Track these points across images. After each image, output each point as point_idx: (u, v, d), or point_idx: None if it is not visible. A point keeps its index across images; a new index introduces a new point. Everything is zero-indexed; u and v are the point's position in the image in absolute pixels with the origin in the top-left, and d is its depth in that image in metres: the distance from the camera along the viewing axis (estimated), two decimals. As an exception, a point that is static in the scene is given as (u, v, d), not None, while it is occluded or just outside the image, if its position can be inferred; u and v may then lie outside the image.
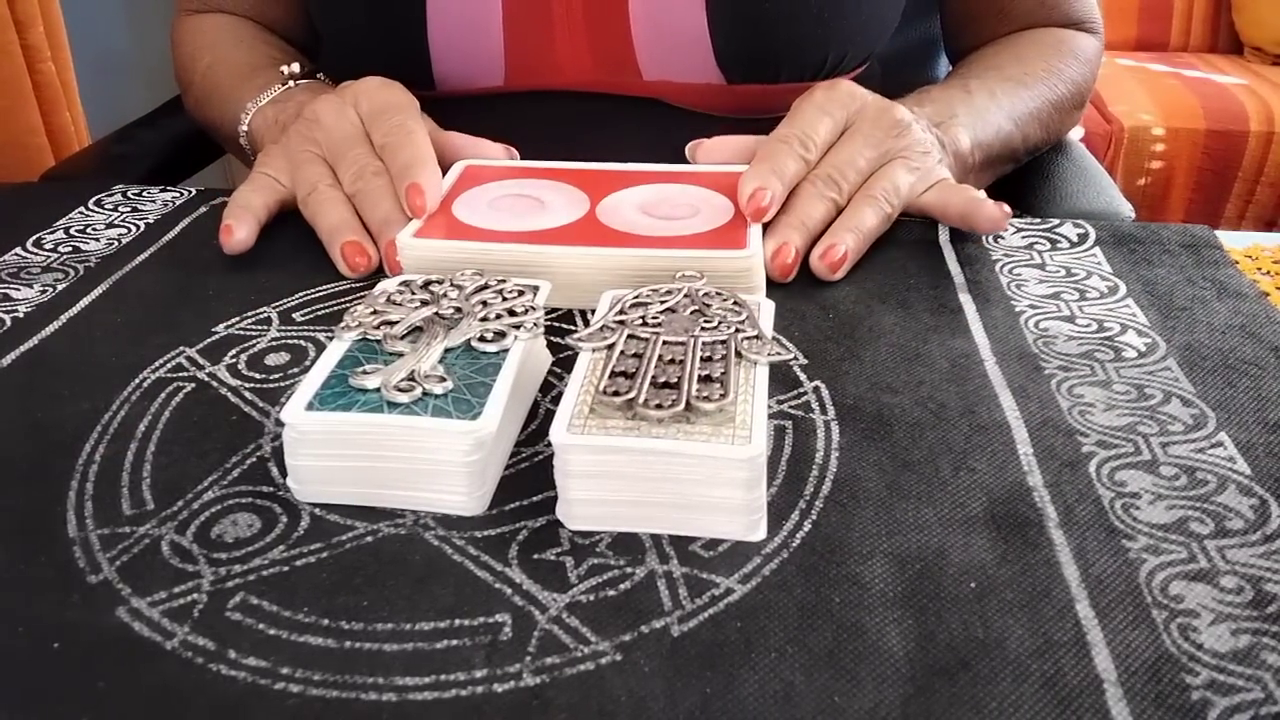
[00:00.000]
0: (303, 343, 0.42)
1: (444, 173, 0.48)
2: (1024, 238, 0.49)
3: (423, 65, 0.59)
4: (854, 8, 0.57)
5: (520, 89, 0.60)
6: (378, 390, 0.32)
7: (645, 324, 0.35)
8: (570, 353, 0.40)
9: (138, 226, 0.53)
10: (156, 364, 0.40)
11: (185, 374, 0.40)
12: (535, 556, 0.30)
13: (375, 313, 0.36)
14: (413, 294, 0.38)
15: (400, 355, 0.34)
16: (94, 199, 0.56)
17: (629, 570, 0.30)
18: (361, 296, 0.45)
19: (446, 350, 0.34)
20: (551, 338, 0.40)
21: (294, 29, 0.69)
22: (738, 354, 0.34)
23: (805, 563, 0.30)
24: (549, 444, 0.32)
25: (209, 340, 0.42)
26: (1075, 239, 0.49)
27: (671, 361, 0.33)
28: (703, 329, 0.35)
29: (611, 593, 0.29)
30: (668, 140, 0.56)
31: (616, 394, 0.31)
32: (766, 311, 0.37)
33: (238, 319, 0.44)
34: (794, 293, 0.45)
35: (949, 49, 0.72)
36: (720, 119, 0.60)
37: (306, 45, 0.69)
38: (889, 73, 0.73)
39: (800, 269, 0.46)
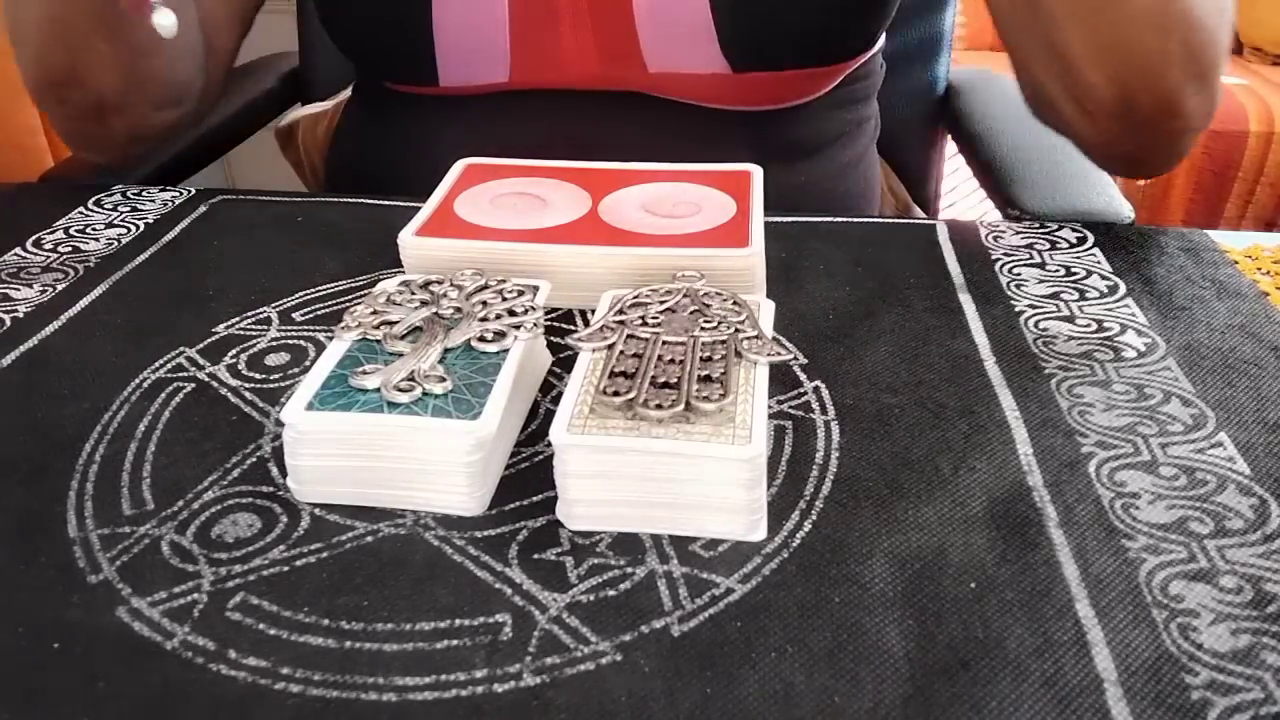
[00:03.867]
0: (303, 343, 0.42)
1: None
2: (1024, 239, 0.49)
3: (427, 61, 0.59)
4: None
5: (524, 87, 0.60)
6: (378, 390, 0.32)
7: (645, 324, 0.35)
8: (570, 353, 0.40)
9: (138, 226, 0.53)
10: (156, 364, 0.40)
11: (185, 374, 0.40)
12: (535, 556, 0.30)
13: (375, 313, 0.36)
14: (412, 294, 0.38)
15: (400, 355, 0.34)
16: (94, 199, 0.56)
17: (629, 570, 0.30)
18: (361, 297, 0.45)
19: (446, 350, 0.34)
20: (551, 338, 0.40)
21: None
22: (738, 354, 0.34)
23: (805, 562, 0.30)
24: (549, 444, 0.32)
25: (209, 340, 0.42)
26: (1074, 241, 0.49)
27: (671, 361, 0.33)
28: (703, 329, 0.35)
29: (611, 593, 0.29)
30: (673, 137, 0.56)
31: (616, 394, 0.31)
32: (766, 311, 0.37)
33: (238, 319, 0.44)
34: (794, 293, 0.45)
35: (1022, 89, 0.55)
36: (727, 113, 0.59)
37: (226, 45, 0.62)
38: (892, 71, 0.73)
39: (803, 272, 0.45)
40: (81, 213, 0.54)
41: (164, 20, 0.47)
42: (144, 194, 0.56)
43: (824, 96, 0.62)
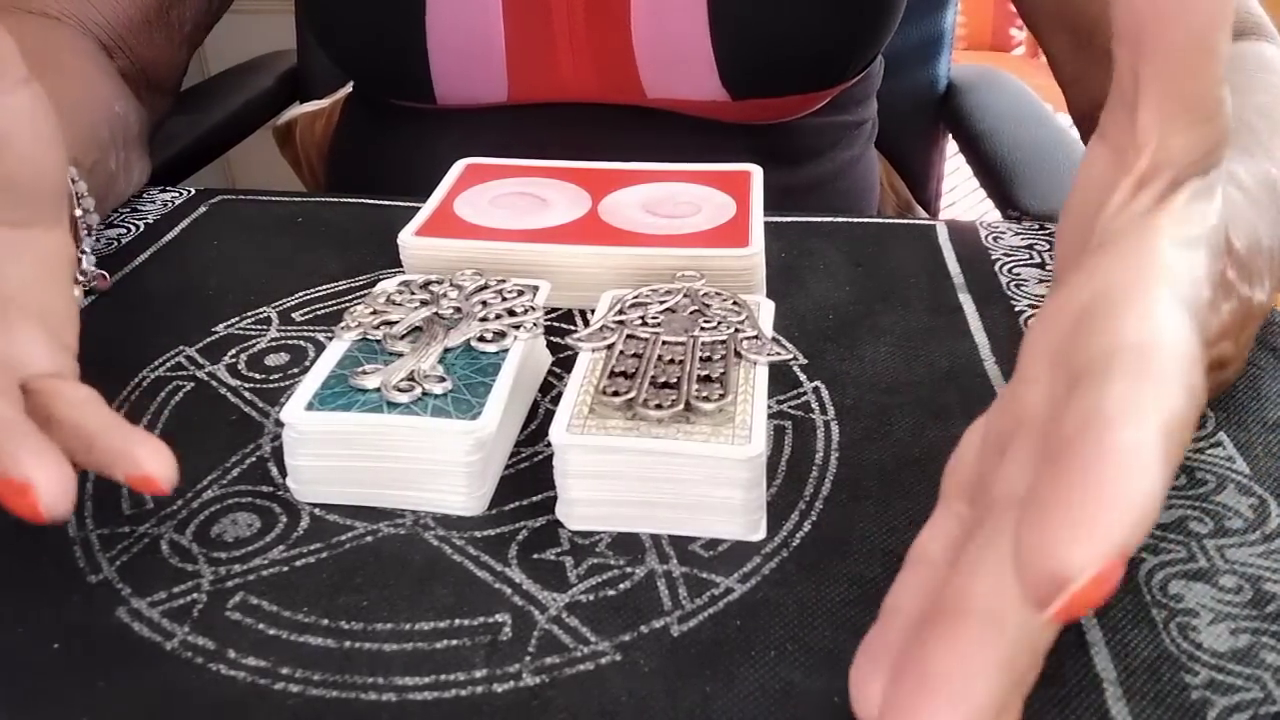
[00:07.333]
0: (302, 343, 0.42)
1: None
2: (1024, 239, 0.49)
3: (424, 83, 0.59)
4: (856, 18, 0.57)
5: (523, 102, 0.60)
6: (377, 390, 0.32)
7: (645, 324, 0.35)
8: (570, 353, 0.40)
9: (138, 226, 0.53)
10: (156, 363, 0.40)
11: (185, 373, 0.40)
12: (535, 556, 0.30)
13: (375, 313, 0.36)
14: (412, 294, 0.38)
15: (400, 355, 0.34)
16: (94, 199, 0.56)
17: (629, 570, 0.30)
18: (361, 297, 0.45)
19: (446, 350, 0.34)
20: (551, 338, 0.40)
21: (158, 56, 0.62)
22: (737, 354, 0.34)
23: (805, 562, 0.30)
24: (549, 444, 0.32)
25: (209, 340, 0.42)
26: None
27: (671, 361, 0.33)
28: (702, 329, 0.35)
29: (611, 592, 0.29)
30: (673, 146, 0.56)
31: (616, 394, 0.31)
32: (766, 311, 0.37)
33: (238, 319, 0.44)
34: (794, 293, 0.45)
35: (1074, 103, 0.57)
36: (726, 124, 0.60)
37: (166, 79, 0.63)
38: (892, 70, 0.73)
39: (803, 272, 0.45)
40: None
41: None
42: (144, 194, 0.56)
43: (823, 105, 0.62)
